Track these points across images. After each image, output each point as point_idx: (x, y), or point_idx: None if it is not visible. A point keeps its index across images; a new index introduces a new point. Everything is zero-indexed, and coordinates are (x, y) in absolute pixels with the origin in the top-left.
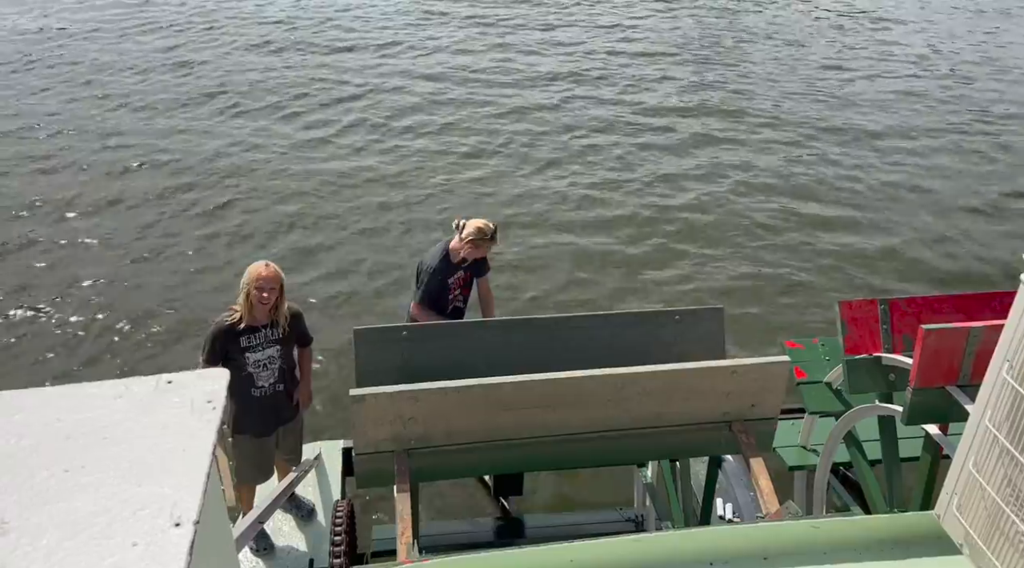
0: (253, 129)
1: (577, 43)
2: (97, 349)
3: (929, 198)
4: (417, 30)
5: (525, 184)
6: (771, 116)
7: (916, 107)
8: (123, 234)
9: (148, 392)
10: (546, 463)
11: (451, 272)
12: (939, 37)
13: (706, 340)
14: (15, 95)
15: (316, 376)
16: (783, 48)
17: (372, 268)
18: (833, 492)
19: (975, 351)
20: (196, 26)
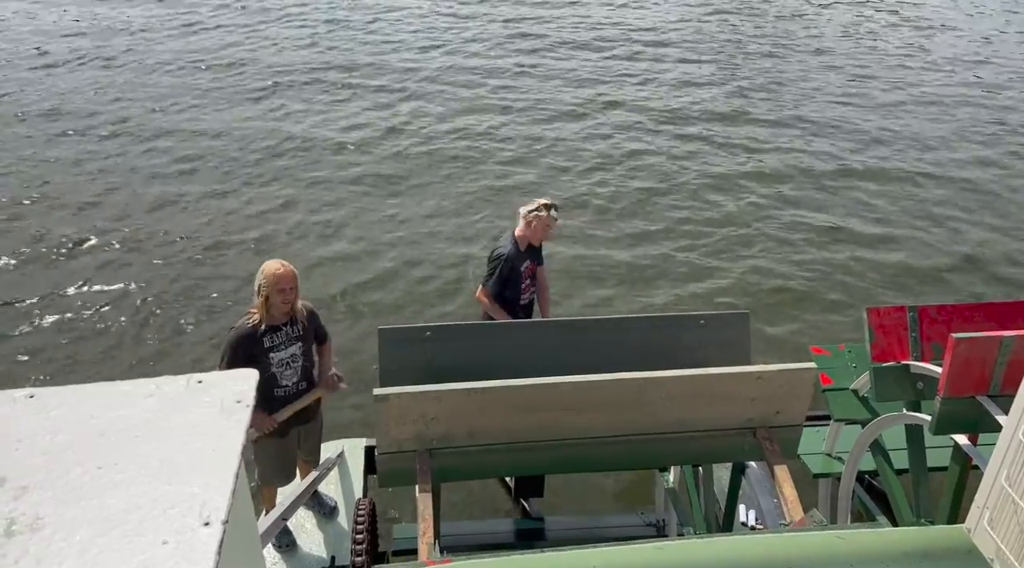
0: (300, 129)
1: (613, 46)
2: (136, 349)
3: (963, 207)
4: (456, 33)
5: (564, 191)
6: (810, 124)
7: (951, 116)
8: (172, 236)
9: (179, 392)
10: (568, 466)
11: (521, 260)
12: (983, 46)
13: (731, 345)
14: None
15: None
16: (832, 56)
17: (405, 270)
18: (858, 501)
19: (1007, 361)
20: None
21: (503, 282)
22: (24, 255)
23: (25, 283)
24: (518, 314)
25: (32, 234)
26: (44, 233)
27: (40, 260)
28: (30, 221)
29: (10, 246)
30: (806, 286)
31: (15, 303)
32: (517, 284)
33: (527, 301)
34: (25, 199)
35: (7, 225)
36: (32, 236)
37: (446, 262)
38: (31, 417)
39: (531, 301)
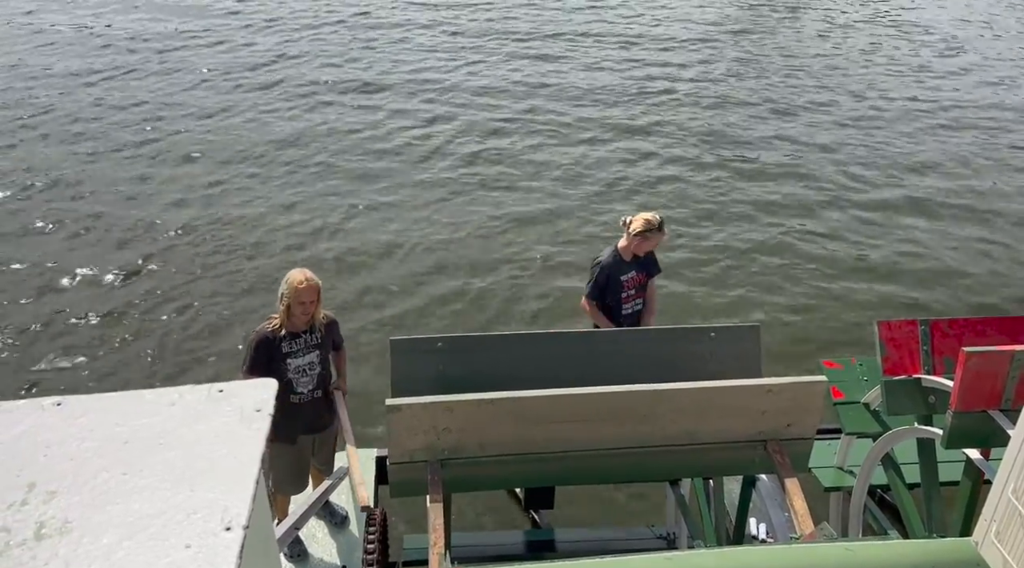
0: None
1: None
2: (160, 360)
3: (974, 221)
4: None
5: (570, 214)
6: (818, 143)
7: (959, 132)
8: (197, 250)
9: (201, 400)
10: (578, 477)
11: (622, 269)
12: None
13: (742, 358)
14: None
15: (350, 387)
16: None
17: (420, 282)
18: (869, 515)
19: (1019, 375)
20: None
21: (602, 290)
22: (53, 269)
23: (52, 299)
24: (621, 323)
25: (60, 243)
26: (73, 240)
27: (66, 274)
28: (57, 232)
29: (40, 257)
30: (816, 299)
31: (44, 316)
32: (617, 293)
33: (631, 311)
34: (56, 210)
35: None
36: (60, 246)
37: (464, 277)
38: (59, 424)
39: (637, 311)
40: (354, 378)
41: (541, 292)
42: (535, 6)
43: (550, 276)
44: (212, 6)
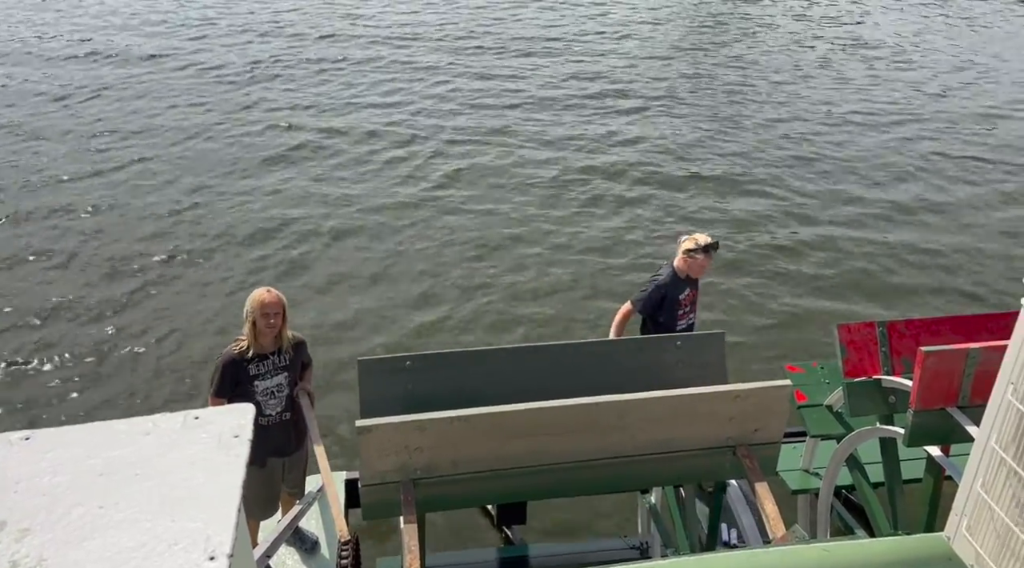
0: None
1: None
2: (132, 387)
3: (925, 220)
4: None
5: (543, 228)
6: (779, 140)
7: (914, 130)
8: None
9: (176, 428)
10: (552, 491)
11: (679, 288)
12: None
13: (708, 365)
14: None
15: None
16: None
17: (379, 304)
18: (836, 515)
19: (974, 372)
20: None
21: (655, 307)
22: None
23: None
24: None
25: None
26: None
27: (27, 298)
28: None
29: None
30: (776, 304)
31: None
32: (673, 311)
33: (684, 327)
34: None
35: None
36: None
37: (435, 303)
38: (28, 459)
39: (691, 324)
40: (321, 403)
41: (514, 317)
42: (486, 22)
43: (519, 303)
44: (176, 32)
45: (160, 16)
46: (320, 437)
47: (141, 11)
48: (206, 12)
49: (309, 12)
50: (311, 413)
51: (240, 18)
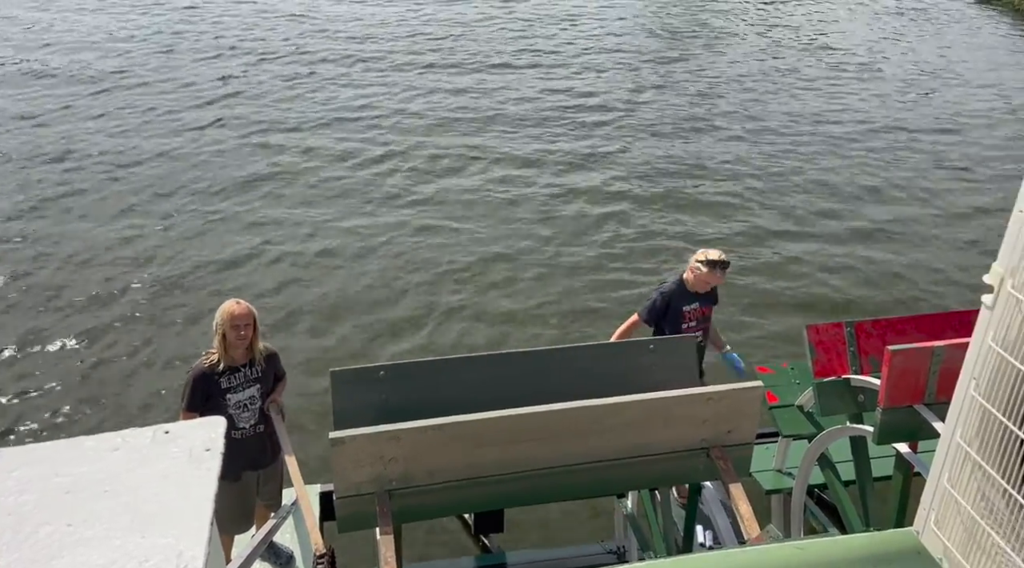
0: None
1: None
2: (101, 403)
3: (885, 221)
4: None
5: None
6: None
7: (868, 134)
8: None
9: (146, 443)
10: (529, 498)
11: (685, 300)
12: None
13: (681, 368)
14: None
15: (290, 423)
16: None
17: (352, 315)
18: (809, 514)
19: (939, 369)
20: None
21: (659, 315)
22: None
23: None
24: None
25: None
26: None
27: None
28: None
29: None
30: (744, 304)
31: None
32: (676, 323)
33: (697, 340)
34: None
35: None
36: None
37: (404, 303)
38: None
39: (700, 344)
40: (295, 415)
41: (491, 338)
42: (451, 39)
43: (496, 324)
44: (134, 52)
45: (126, 31)
46: (292, 449)
47: (103, 26)
48: (170, 27)
49: (277, 28)
50: (282, 425)
51: (207, 35)
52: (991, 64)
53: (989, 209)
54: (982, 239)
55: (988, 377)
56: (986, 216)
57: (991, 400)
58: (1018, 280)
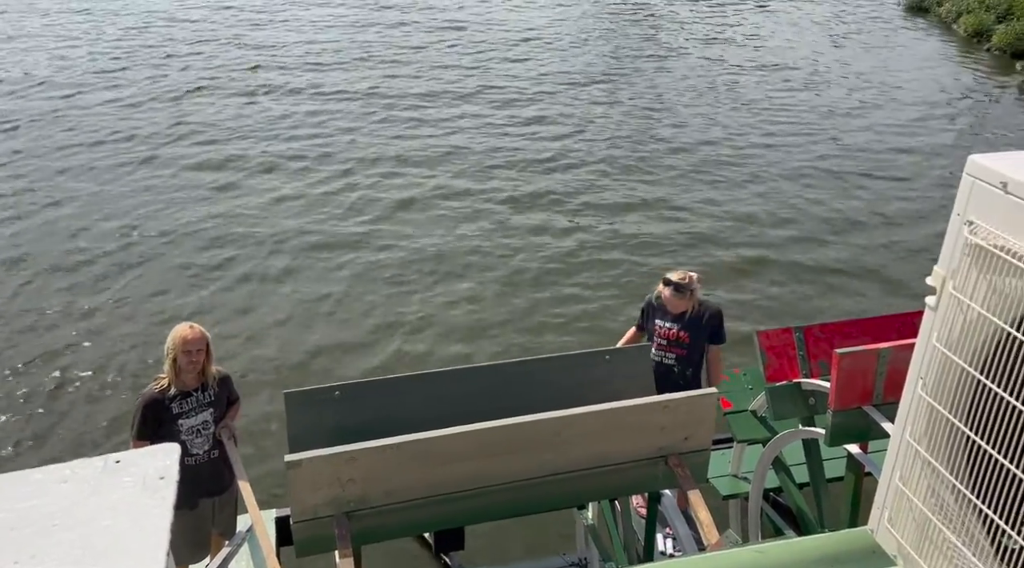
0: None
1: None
2: (48, 434)
3: (829, 230)
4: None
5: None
6: (674, 149)
7: (801, 141)
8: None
9: (96, 474)
10: (489, 514)
11: (660, 314)
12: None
13: (636, 377)
14: None
15: (242, 446)
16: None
17: (304, 335)
18: (766, 517)
19: (886, 371)
20: None
21: (643, 322)
22: None
23: None
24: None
25: None
26: None
27: None
28: None
29: None
30: None
31: None
32: (652, 337)
33: (659, 360)
34: None
35: None
36: None
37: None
38: None
39: (668, 365)
40: (250, 439)
41: (457, 355)
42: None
43: (461, 341)
44: (88, 83)
45: (74, 46)
46: (246, 474)
47: (53, 37)
48: (123, 39)
49: (231, 39)
50: (235, 450)
51: (160, 45)
52: (923, 75)
53: (928, 215)
54: (923, 243)
55: (934, 376)
56: (926, 221)
57: (938, 399)
58: (958, 281)
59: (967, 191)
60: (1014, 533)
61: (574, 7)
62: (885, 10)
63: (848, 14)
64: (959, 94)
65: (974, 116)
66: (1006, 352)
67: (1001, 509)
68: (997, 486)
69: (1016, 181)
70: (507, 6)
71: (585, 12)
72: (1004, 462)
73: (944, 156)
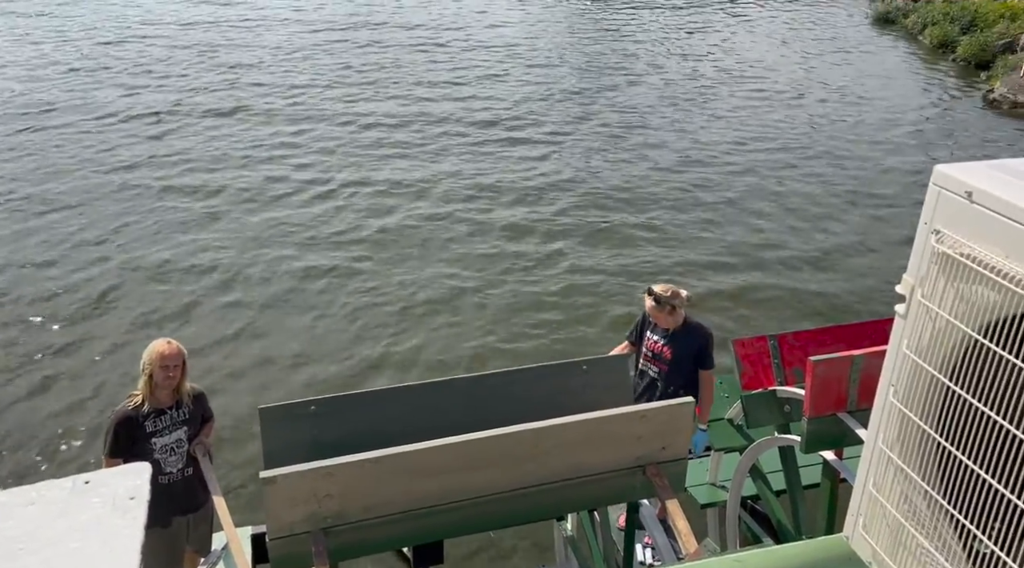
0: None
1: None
2: (14, 456)
3: (802, 239)
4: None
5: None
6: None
7: (774, 153)
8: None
9: (64, 496)
10: (469, 527)
11: (650, 327)
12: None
13: (613, 387)
14: None
15: (218, 463)
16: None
17: (280, 349)
18: (744, 525)
19: (859, 378)
20: None
21: (635, 334)
22: None
23: None
24: (635, 379)
25: None
26: None
27: None
28: None
29: None
30: None
31: None
32: (641, 345)
33: (644, 370)
34: None
35: None
36: None
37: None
38: None
39: (651, 378)
40: (225, 456)
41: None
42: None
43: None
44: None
45: (33, 68)
46: (221, 491)
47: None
48: (89, 57)
49: (195, 63)
50: (210, 467)
51: (126, 62)
52: (890, 85)
53: (895, 223)
54: (894, 252)
55: (905, 383)
56: (893, 230)
57: (909, 405)
58: (927, 289)
59: (933, 201)
60: (985, 538)
61: (549, 23)
62: (854, 22)
63: (818, 26)
64: (926, 104)
65: (940, 126)
66: (974, 359)
67: (972, 514)
68: (968, 491)
69: (980, 190)
70: (484, 23)
71: (559, 26)
72: (974, 468)
73: (911, 165)
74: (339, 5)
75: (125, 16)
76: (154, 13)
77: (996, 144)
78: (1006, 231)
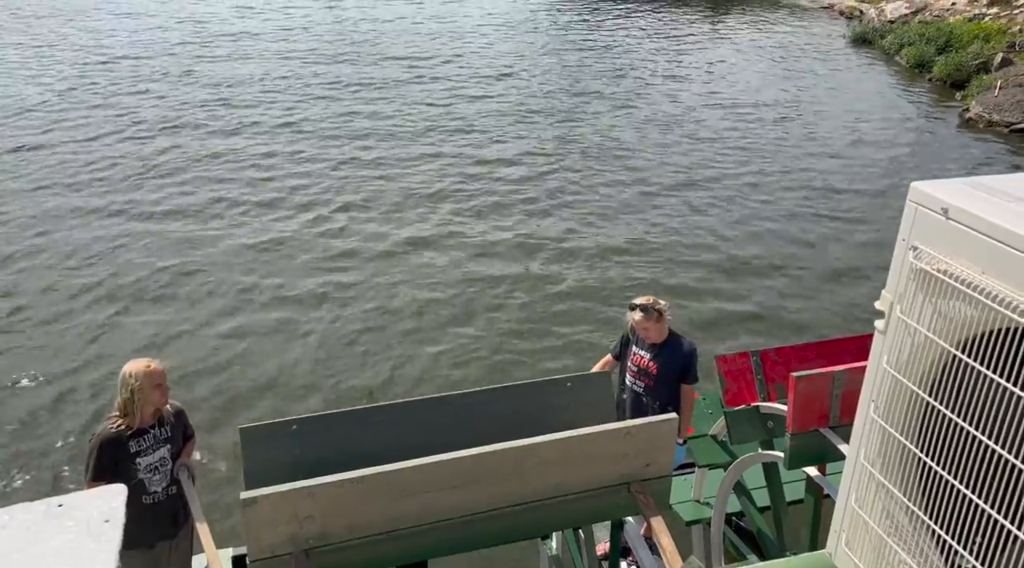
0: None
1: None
2: None
3: (783, 258)
4: None
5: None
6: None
7: (752, 166)
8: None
9: (37, 519)
10: (452, 547)
11: (636, 343)
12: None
13: (597, 404)
14: None
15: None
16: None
17: (261, 368)
18: (728, 542)
19: (841, 393)
20: None
21: (620, 348)
22: None
23: None
24: (620, 394)
25: None
26: None
27: None
28: None
29: None
30: None
31: None
32: (624, 364)
33: (629, 385)
34: None
35: None
36: None
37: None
38: None
39: (636, 392)
40: (206, 478)
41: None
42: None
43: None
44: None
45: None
46: (202, 513)
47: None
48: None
49: (182, 82)
50: (192, 488)
51: (109, 76)
52: (868, 105)
53: (874, 241)
54: (873, 268)
55: (885, 399)
56: (871, 247)
57: (889, 421)
58: (905, 305)
59: (911, 217)
60: (966, 553)
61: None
62: (832, 42)
63: (795, 46)
64: (903, 123)
65: (917, 144)
66: (953, 374)
67: (953, 529)
68: (949, 506)
69: (956, 207)
70: (473, 47)
71: (546, 46)
72: (954, 483)
73: (887, 183)
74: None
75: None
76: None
77: (972, 162)
78: (982, 247)
